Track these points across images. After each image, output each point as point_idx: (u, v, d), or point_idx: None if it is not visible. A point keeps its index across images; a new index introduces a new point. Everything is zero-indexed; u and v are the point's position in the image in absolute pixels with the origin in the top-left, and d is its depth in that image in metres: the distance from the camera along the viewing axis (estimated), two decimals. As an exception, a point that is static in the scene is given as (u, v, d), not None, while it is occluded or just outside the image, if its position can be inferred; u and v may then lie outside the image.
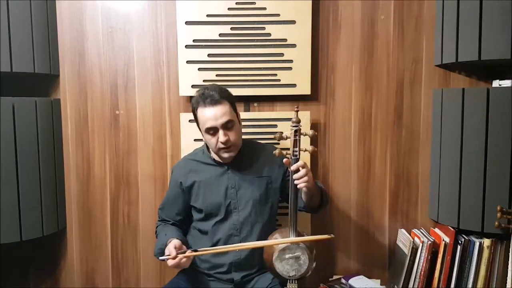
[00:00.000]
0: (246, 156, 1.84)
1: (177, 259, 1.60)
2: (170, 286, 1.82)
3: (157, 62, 2.17)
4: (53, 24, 2.13)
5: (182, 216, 1.89)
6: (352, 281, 2.14)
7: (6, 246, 1.96)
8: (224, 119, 1.71)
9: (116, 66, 2.17)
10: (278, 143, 2.03)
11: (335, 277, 2.21)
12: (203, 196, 1.82)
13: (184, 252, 1.63)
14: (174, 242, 1.66)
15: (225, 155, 1.76)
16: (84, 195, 2.23)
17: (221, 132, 1.71)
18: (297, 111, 1.64)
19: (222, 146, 1.73)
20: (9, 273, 2.20)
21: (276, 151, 1.63)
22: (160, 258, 1.65)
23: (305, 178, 1.60)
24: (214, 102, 1.71)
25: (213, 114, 1.71)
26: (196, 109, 1.76)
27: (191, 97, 2.13)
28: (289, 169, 1.64)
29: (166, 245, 1.69)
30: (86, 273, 2.27)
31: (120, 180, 2.22)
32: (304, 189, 1.66)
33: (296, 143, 1.63)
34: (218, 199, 1.81)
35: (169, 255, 1.62)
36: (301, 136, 1.64)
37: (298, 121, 1.63)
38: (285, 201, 1.73)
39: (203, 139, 1.82)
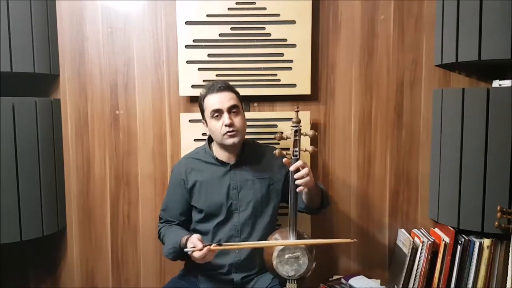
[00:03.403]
0: (248, 157, 1.84)
1: (203, 251, 1.58)
2: (170, 286, 1.82)
3: (157, 62, 2.17)
4: (53, 24, 2.12)
5: (185, 216, 1.88)
6: (352, 281, 2.14)
7: (6, 246, 1.96)
8: (230, 103, 1.75)
9: (116, 66, 2.17)
10: (279, 143, 2.03)
11: (335, 277, 2.21)
12: (204, 196, 1.82)
13: (210, 245, 1.61)
14: (197, 235, 1.65)
15: (229, 140, 1.75)
16: (84, 195, 2.23)
17: (226, 115, 1.74)
18: (297, 111, 1.65)
19: (226, 130, 1.73)
20: (9, 273, 2.20)
21: (276, 151, 1.63)
22: (186, 249, 1.62)
23: (307, 179, 1.60)
24: (222, 89, 1.78)
25: (220, 98, 1.76)
26: (204, 99, 1.80)
27: (191, 97, 2.15)
28: (289, 169, 1.64)
29: (179, 244, 1.69)
30: (86, 273, 2.26)
31: (120, 180, 2.22)
32: (305, 189, 1.66)
33: (296, 143, 1.63)
34: (219, 200, 1.81)
35: (193, 247, 1.60)
36: (301, 136, 1.64)
37: (298, 121, 1.64)
38: (286, 203, 1.74)
39: (208, 132, 1.83)
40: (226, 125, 1.73)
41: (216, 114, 1.75)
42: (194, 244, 1.61)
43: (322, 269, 2.16)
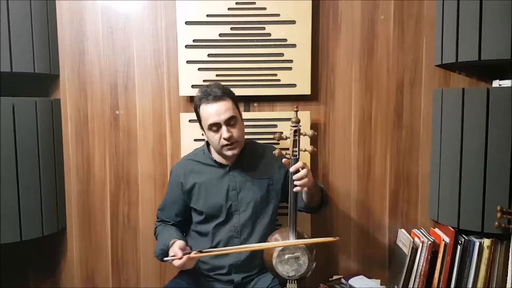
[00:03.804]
0: (247, 157, 1.84)
1: (183, 260, 1.59)
2: (170, 286, 1.81)
3: (157, 62, 2.17)
4: (53, 24, 2.12)
5: (182, 217, 1.89)
6: (352, 281, 2.14)
7: (6, 246, 1.96)
8: (227, 115, 1.71)
9: (116, 66, 2.17)
10: (278, 143, 2.03)
11: (335, 277, 2.21)
12: (204, 198, 1.82)
13: (189, 253, 1.61)
14: (179, 243, 1.64)
15: (229, 152, 1.75)
16: (84, 195, 2.23)
17: (224, 128, 1.71)
18: (296, 111, 1.64)
19: (225, 142, 1.72)
20: (9, 273, 2.20)
21: (276, 151, 1.63)
22: (165, 259, 1.63)
23: (305, 180, 1.60)
24: (217, 98, 1.71)
25: (216, 110, 1.71)
26: (199, 107, 1.75)
27: (191, 97, 2.15)
28: (288, 169, 1.64)
29: (168, 246, 1.69)
30: (86, 273, 2.27)
31: (120, 180, 2.22)
32: (305, 188, 1.66)
33: (295, 143, 1.63)
34: (219, 201, 1.80)
35: (174, 255, 1.61)
36: (301, 136, 1.64)
37: (298, 121, 1.63)
38: (287, 202, 1.74)
39: (206, 138, 1.82)
40: (224, 139, 1.71)
41: (214, 128, 1.72)
42: (174, 252, 1.61)
43: (322, 269, 2.16)
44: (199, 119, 1.80)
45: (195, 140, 2.11)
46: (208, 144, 1.87)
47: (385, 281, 2.22)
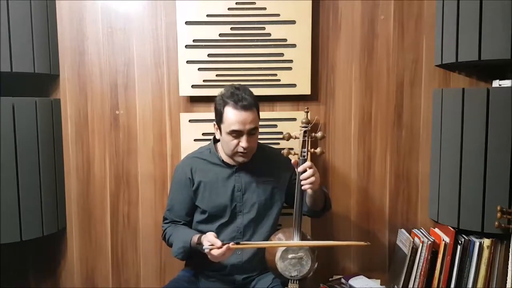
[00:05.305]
0: (253, 159, 1.82)
1: (223, 249, 1.58)
2: (170, 286, 1.81)
3: (157, 62, 2.17)
4: (53, 24, 2.12)
5: (191, 216, 1.87)
6: (352, 281, 2.14)
7: (6, 246, 1.96)
8: (251, 125, 1.70)
9: (116, 66, 2.17)
10: (279, 143, 2.03)
11: (335, 277, 2.21)
12: (208, 197, 1.81)
13: (228, 243, 1.60)
14: (212, 233, 1.64)
15: (240, 159, 1.75)
16: (84, 195, 2.23)
17: (244, 138, 1.70)
18: (307, 112, 1.65)
19: (241, 150, 1.71)
20: (9, 273, 2.20)
21: (284, 151, 1.64)
22: (204, 247, 1.60)
23: (312, 179, 1.61)
24: (247, 108, 1.69)
25: (243, 119, 1.68)
26: (224, 107, 1.71)
27: (191, 97, 2.15)
28: (296, 169, 1.64)
29: (189, 243, 1.68)
30: (86, 273, 2.26)
31: (120, 180, 2.22)
32: (309, 191, 1.66)
33: (304, 143, 1.64)
34: (224, 201, 1.80)
35: (211, 245, 1.59)
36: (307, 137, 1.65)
37: (308, 122, 1.65)
38: (290, 205, 1.74)
39: (217, 136, 1.79)
40: (243, 147, 1.70)
41: (234, 134, 1.70)
42: (213, 242, 1.60)
43: (322, 269, 2.15)
44: (218, 118, 1.74)
45: (195, 140, 2.11)
46: (214, 142, 1.86)
47: (385, 281, 2.22)
